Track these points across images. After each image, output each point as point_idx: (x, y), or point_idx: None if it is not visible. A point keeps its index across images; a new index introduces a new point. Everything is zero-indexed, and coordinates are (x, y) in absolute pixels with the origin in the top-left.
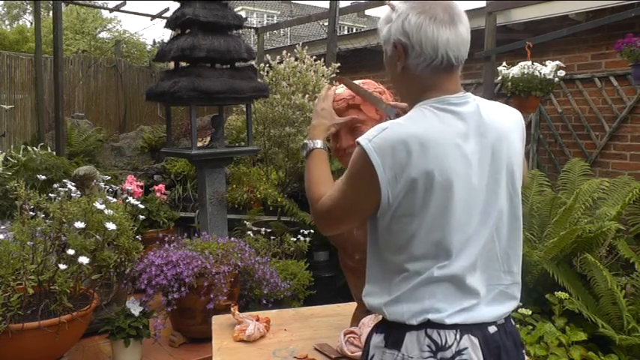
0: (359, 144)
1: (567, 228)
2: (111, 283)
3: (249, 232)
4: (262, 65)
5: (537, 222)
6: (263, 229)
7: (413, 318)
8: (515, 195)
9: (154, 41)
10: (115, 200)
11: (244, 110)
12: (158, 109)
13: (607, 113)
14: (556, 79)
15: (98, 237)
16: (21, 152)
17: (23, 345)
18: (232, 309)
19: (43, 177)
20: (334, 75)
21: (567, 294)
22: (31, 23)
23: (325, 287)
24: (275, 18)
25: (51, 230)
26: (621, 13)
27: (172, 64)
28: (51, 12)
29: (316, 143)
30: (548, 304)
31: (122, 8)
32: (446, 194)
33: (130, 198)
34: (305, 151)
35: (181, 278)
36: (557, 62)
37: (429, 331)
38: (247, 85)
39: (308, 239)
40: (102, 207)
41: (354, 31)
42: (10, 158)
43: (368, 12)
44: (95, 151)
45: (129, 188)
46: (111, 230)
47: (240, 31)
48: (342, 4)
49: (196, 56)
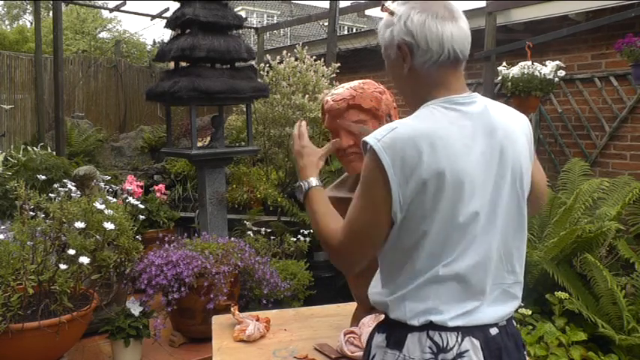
0: (367, 144)
1: (567, 228)
2: (111, 283)
3: (249, 232)
4: (262, 65)
5: (537, 222)
6: (263, 229)
7: (415, 318)
8: (522, 196)
9: (154, 41)
10: (115, 200)
11: (244, 110)
12: (158, 109)
13: (607, 113)
14: (556, 79)
15: (98, 237)
16: (21, 152)
17: (23, 345)
18: (232, 309)
19: (43, 177)
20: (334, 75)
21: (567, 294)
22: (31, 23)
23: (325, 287)
24: (275, 18)
25: (51, 230)
26: (621, 13)
27: (172, 64)
28: (51, 12)
29: (310, 182)
30: (548, 304)
31: (122, 8)
32: (456, 194)
33: (130, 198)
34: (301, 194)
35: (181, 278)
36: (557, 62)
37: (431, 333)
38: (247, 85)
39: (308, 239)
40: (102, 207)
41: (354, 31)
42: (10, 158)
43: (368, 12)
44: (95, 151)
45: (129, 188)
46: (111, 230)
47: (240, 31)
48: (342, 4)
49: (196, 56)
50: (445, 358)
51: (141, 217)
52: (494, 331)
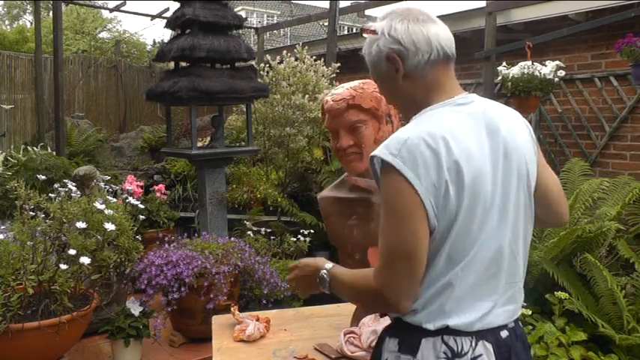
0: (384, 162)
1: (567, 228)
2: (111, 283)
3: (249, 232)
4: (262, 65)
5: None
6: (263, 229)
7: (431, 322)
8: (529, 192)
9: (154, 41)
10: (115, 200)
11: (244, 110)
12: (158, 109)
13: (607, 113)
14: (556, 79)
15: (98, 237)
16: (21, 152)
17: (23, 345)
18: (232, 309)
19: (43, 177)
20: (334, 75)
21: (567, 294)
22: (31, 23)
23: None
24: (275, 18)
25: (51, 230)
26: (621, 13)
27: (172, 64)
28: (51, 12)
29: (325, 269)
30: (548, 304)
31: (122, 8)
32: (474, 193)
33: (130, 198)
34: (327, 285)
35: (181, 278)
36: (557, 62)
37: (446, 338)
38: (247, 85)
39: (308, 239)
40: (102, 207)
41: (354, 31)
42: (10, 158)
43: (368, 12)
44: (95, 151)
45: (129, 188)
46: (111, 230)
47: (240, 31)
48: (342, 4)
49: (196, 56)
50: None
51: (141, 217)
52: (504, 334)
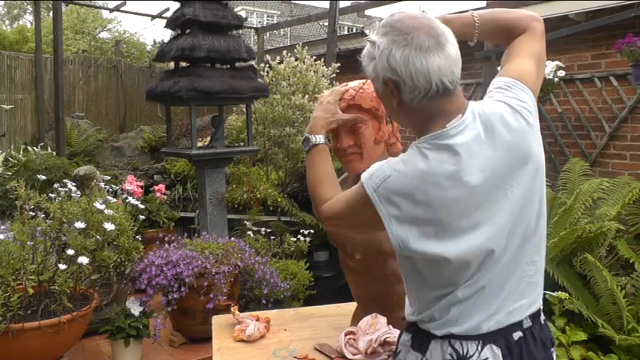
0: (364, 188)
1: (567, 228)
2: (111, 283)
3: (249, 232)
4: (262, 65)
5: None
6: (263, 229)
7: (438, 330)
8: (540, 182)
9: (154, 41)
10: (115, 200)
11: (244, 110)
12: (158, 109)
13: (607, 113)
14: (556, 79)
15: (98, 237)
16: (21, 152)
17: (23, 345)
18: (232, 309)
19: (43, 177)
20: (334, 75)
21: (567, 294)
22: (31, 23)
23: (325, 287)
24: (275, 18)
25: (51, 230)
26: (621, 13)
27: (172, 64)
28: (51, 12)
29: (319, 138)
30: (548, 304)
31: (122, 8)
32: (461, 230)
33: (130, 198)
34: (307, 146)
35: (181, 278)
36: (557, 62)
37: (452, 341)
38: (247, 85)
39: (308, 239)
40: (102, 207)
41: (354, 31)
42: (10, 158)
43: (368, 12)
44: (95, 151)
45: (129, 188)
46: (111, 230)
47: (240, 31)
48: (342, 4)
49: (196, 56)
50: None
51: (141, 217)
52: (517, 335)
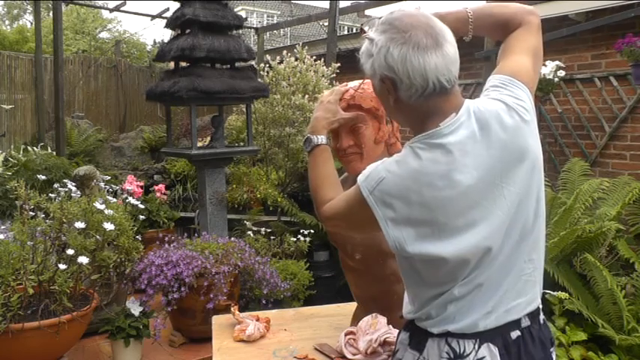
0: (360, 190)
1: (567, 228)
2: (111, 283)
3: (249, 232)
4: (262, 65)
5: None
6: (263, 229)
7: (434, 327)
8: (538, 179)
9: (154, 41)
10: (115, 200)
11: (244, 110)
12: (158, 109)
13: (607, 113)
14: (556, 79)
15: (98, 237)
16: (21, 152)
17: (23, 345)
18: (232, 309)
19: (43, 177)
20: (334, 75)
21: (567, 294)
22: (31, 23)
23: (325, 287)
24: (275, 18)
25: (51, 230)
26: (621, 13)
27: (172, 64)
28: (51, 12)
29: (321, 139)
30: (548, 304)
31: (122, 8)
32: (458, 229)
33: (130, 198)
34: (309, 146)
35: (181, 278)
36: (557, 62)
37: (449, 340)
38: (247, 85)
39: (308, 239)
40: (102, 207)
41: (354, 31)
42: (10, 158)
43: (368, 12)
44: (95, 151)
45: (129, 188)
46: (111, 230)
47: (240, 31)
48: (342, 4)
49: (196, 56)
50: None
51: (141, 217)
52: (515, 334)
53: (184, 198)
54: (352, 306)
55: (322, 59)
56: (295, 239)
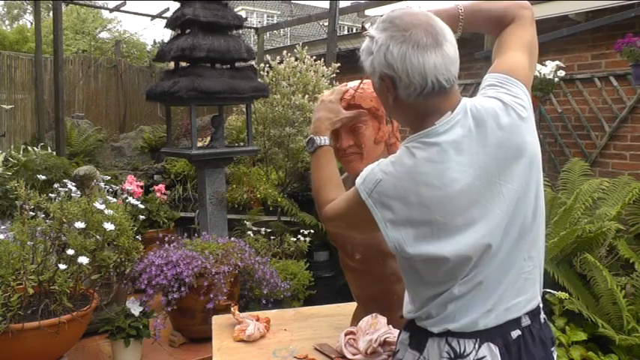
0: (358, 192)
1: (567, 228)
2: (111, 283)
3: (249, 232)
4: (262, 65)
5: None
6: (263, 229)
7: (434, 327)
8: (536, 177)
9: (154, 41)
10: (115, 200)
11: (244, 110)
12: (158, 109)
13: (607, 113)
14: (556, 79)
15: (98, 237)
16: (21, 152)
17: (23, 345)
18: (232, 309)
19: (43, 177)
20: (334, 75)
21: (567, 294)
22: (31, 23)
23: (325, 287)
24: (275, 18)
25: (51, 230)
26: (621, 13)
27: (172, 64)
28: (51, 12)
29: (324, 140)
30: (548, 304)
31: (122, 8)
32: (456, 228)
33: (130, 198)
34: (312, 147)
35: (181, 278)
36: (557, 62)
37: (449, 339)
38: (247, 85)
39: (308, 239)
40: (102, 207)
41: (354, 31)
42: (10, 158)
43: (368, 12)
44: (95, 151)
45: (129, 188)
46: (111, 230)
47: (240, 31)
48: (342, 4)
49: (196, 56)
50: None
51: (141, 217)
52: (515, 334)
53: (184, 198)
54: (352, 306)
55: (322, 59)
56: (295, 239)
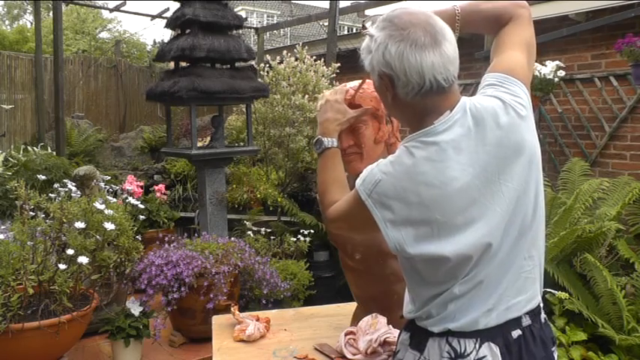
0: (358, 193)
1: (567, 228)
2: (111, 283)
3: (249, 232)
4: (262, 65)
5: None
6: (263, 229)
7: (435, 326)
8: (536, 176)
9: (154, 41)
10: (115, 200)
11: (244, 110)
12: (158, 109)
13: (607, 113)
14: (556, 79)
15: (98, 237)
16: (21, 152)
17: (23, 345)
18: (232, 309)
19: (43, 177)
20: (334, 75)
21: (567, 294)
22: (31, 23)
23: (325, 287)
24: (275, 18)
25: (51, 230)
26: (621, 13)
27: (172, 64)
28: (51, 12)
29: (332, 141)
30: (548, 304)
31: (122, 8)
32: (456, 226)
33: (130, 198)
34: (320, 149)
35: (181, 278)
36: (557, 62)
37: (450, 339)
38: (247, 85)
39: (308, 239)
40: (102, 207)
41: (354, 31)
42: (10, 158)
43: (368, 12)
44: (95, 151)
45: (129, 188)
46: (111, 230)
47: (240, 31)
48: (342, 4)
49: (196, 56)
50: None
51: (141, 217)
52: (516, 333)
53: (184, 198)
54: (352, 306)
55: (322, 59)
56: (295, 239)
